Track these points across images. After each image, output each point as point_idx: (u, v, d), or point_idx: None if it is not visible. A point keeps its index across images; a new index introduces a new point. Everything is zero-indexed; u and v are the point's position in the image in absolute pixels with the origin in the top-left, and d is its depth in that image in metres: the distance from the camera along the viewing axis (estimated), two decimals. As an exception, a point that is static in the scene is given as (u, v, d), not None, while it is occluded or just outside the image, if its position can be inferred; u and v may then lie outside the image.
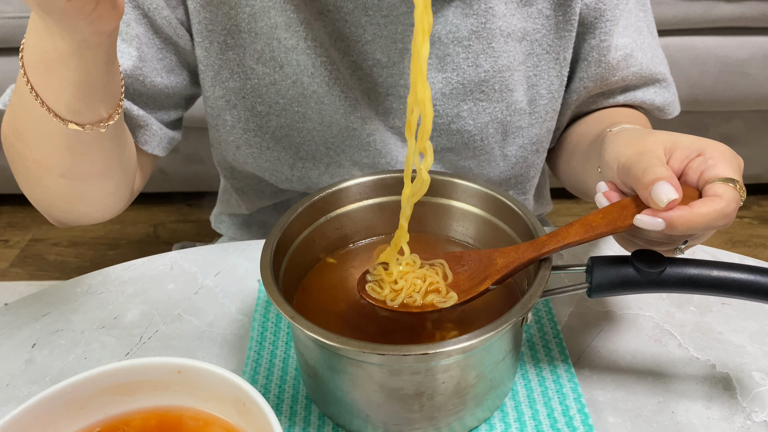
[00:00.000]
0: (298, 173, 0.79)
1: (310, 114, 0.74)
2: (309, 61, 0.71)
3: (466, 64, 0.72)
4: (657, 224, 0.49)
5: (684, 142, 0.53)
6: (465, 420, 0.54)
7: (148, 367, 0.48)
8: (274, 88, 0.73)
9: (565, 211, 2.07)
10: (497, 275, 0.55)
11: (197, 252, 0.77)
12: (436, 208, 0.67)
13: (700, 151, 0.52)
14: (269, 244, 0.57)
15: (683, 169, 0.52)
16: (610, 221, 0.52)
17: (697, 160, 0.51)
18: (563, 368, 0.61)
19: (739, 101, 1.76)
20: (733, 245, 1.90)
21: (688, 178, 0.52)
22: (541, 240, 0.54)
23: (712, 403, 0.58)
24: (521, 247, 0.55)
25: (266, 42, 0.71)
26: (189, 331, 0.67)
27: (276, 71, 0.72)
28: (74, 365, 0.64)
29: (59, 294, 0.72)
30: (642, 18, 0.77)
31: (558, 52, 0.75)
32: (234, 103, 0.75)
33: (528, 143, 0.79)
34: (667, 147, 0.53)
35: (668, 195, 0.48)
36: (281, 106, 0.74)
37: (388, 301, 0.56)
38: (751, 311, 0.67)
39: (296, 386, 0.60)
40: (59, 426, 0.46)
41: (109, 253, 1.93)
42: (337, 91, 0.72)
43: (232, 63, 0.73)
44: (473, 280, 0.56)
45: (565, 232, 0.53)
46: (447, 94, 0.74)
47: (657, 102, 0.80)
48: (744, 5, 1.61)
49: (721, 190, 0.49)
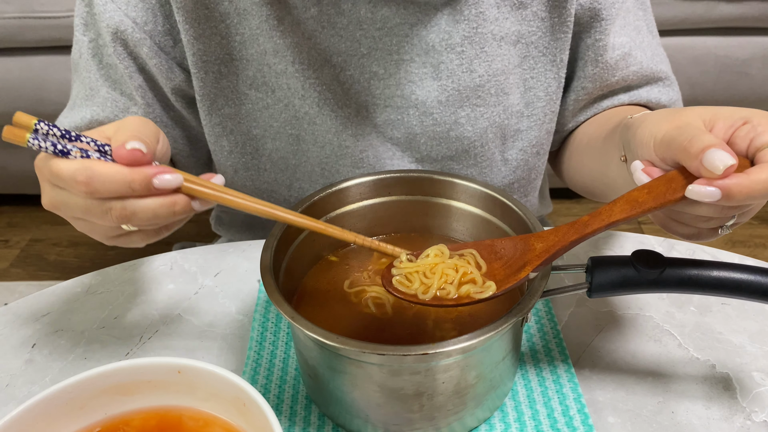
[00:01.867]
0: (295, 194, 0.80)
1: (304, 135, 0.75)
2: (298, 84, 0.72)
3: (460, 71, 0.73)
4: (713, 194, 0.45)
5: (725, 113, 0.49)
6: (465, 420, 0.54)
7: (147, 367, 0.48)
8: (268, 112, 0.74)
9: (565, 211, 2.07)
10: (537, 261, 0.51)
11: (197, 252, 0.77)
12: (436, 208, 0.67)
13: (745, 119, 0.48)
14: (269, 244, 0.57)
15: (729, 139, 0.48)
16: (658, 195, 0.47)
17: (744, 128, 0.48)
18: (563, 368, 0.61)
19: (739, 101, 1.76)
20: (733, 245, 1.90)
21: (736, 147, 0.48)
22: (582, 221, 0.50)
23: (712, 403, 0.58)
24: (561, 229, 0.51)
25: (257, 68, 0.72)
26: (189, 331, 0.67)
27: (268, 95, 0.74)
28: (74, 365, 0.64)
29: (59, 294, 0.72)
30: (641, 17, 0.77)
31: (554, 54, 0.75)
32: (230, 129, 0.76)
33: (528, 146, 0.79)
34: (706, 119, 0.49)
35: (724, 161, 0.44)
36: (275, 129, 0.75)
37: (420, 294, 0.53)
38: (751, 311, 0.67)
39: (296, 386, 0.60)
40: (59, 426, 0.46)
41: (109, 253, 1.93)
42: (327, 111, 0.73)
43: (226, 90, 0.74)
44: (511, 267, 0.52)
45: (609, 210, 0.49)
46: (443, 102, 0.74)
47: (663, 100, 0.79)
48: (744, 5, 1.61)
49: None
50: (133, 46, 0.71)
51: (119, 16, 0.70)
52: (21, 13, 1.66)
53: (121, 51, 0.71)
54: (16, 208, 2.11)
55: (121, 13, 0.70)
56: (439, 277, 0.53)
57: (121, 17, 0.70)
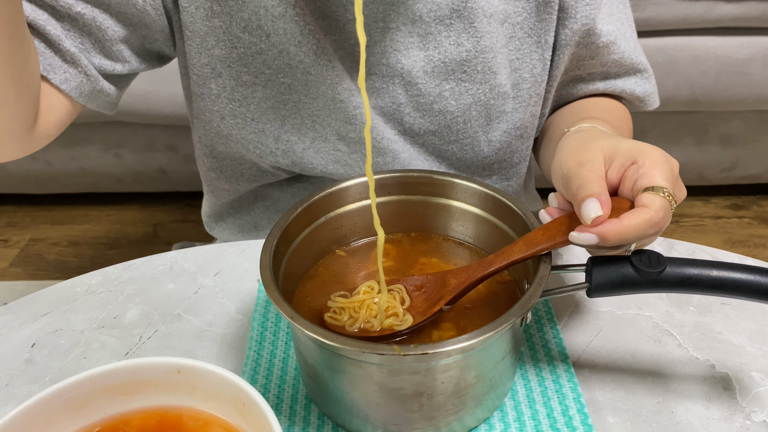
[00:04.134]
0: (282, 146, 0.78)
1: (296, 85, 0.74)
2: (297, 29, 0.70)
3: (447, 42, 0.72)
4: (590, 239, 0.50)
5: (622, 150, 0.54)
6: (464, 420, 0.54)
7: (147, 367, 0.48)
8: (260, 58, 0.73)
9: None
10: (450, 295, 0.57)
11: (197, 252, 0.77)
12: (435, 208, 0.67)
13: (634, 159, 0.53)
14: (269, 244, 0.57)
15: (620, 179, 0.53)
16: (550, 237, 0.54)
17: (631, 169, 0.53)
18: (563, 368, 0.61)
19: (739, 101, 1.76)
20: (733, 245, 1.90)
21: (624, 187, 0.53)
22: (488, 259, 0.57)
23: (711, 403, 0.58)
24: (471, 267, 0.57)
25: (253, 10, 0.70)
26: (188, 331, 0.67)
27: (262, 40, 0.72)
28: (74, 365, 0.64)
29: (59, 294, 0.72)
30: (622, 10, 0.78)
31: (539, 35, 0.75)
32: (219, 72, 0.74)
33: (512, 128, 0.79)
34: (607, 155, 0.54)
35: (594, 212, 0.50)
36: (267, 77, 0.74)
37: (347, 327, 0.57)
38: (751, 311, 0.67)
39: (296, 386, 0.60)
40: (59, 426, 0.46)
41: (109, 252, 1.93)
42: (324, 61, 0.72)
43: (218, 30, 0.72)
44: (429, 301, 0.58)
45: (510, 250, 0.56)
46: (429, 72, 0.74)
47: (637, 92, 0.81)
48: (744, 5, 1.61)
49: (648, 200, 0.50)
50: None
51: None
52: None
53: None
54: (15, 207, 2.11)
55: None
56: (365, 312, 0.57)
57: None
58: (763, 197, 2.07)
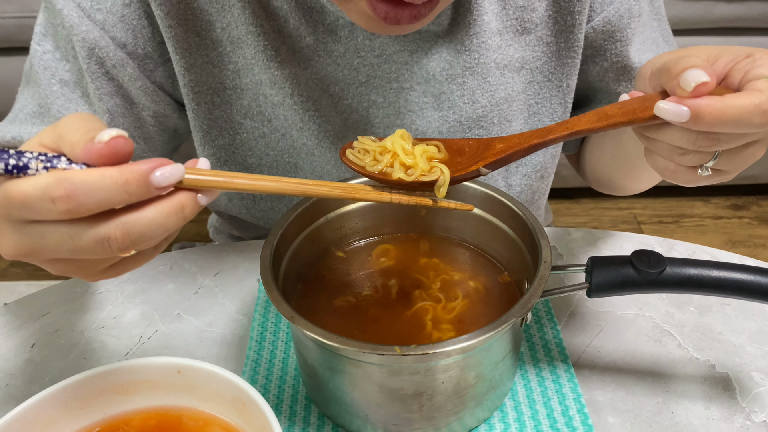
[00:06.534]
0: None
1: (302, 164, 0.74)
2: (297, 116, 0.70)
3: (462, 102, 0.71)
4: (681, 113, 0.42)
5: (732, 49, 0.46)
6: (464, 420, 0.54)
7: (147, 367, 0.48)
8: (264, 141, 0.73)
9: (565, 211, 2.07)
10: (492, 158, 0.51)
11: (197, 252, 0.77)
12: (436, 208, 0.66)
13: (749, 53, 0.45)
14: (269, 244, 0.57)
15: (727, 72, 0.46)
16: (628, 111, 0.46)
17: (744, 61, 0.45)
18: (563, 368, 0.61)
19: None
20: (733, 245, 1.90)
21: (732, 79, 0.45)
22: (547, 128, 0.50)
23: (711, 404, 0.58)
24: (525, 133, 0.51)
25: (252, 97, 0.70)
26: (188, 331, 0.67)
27: (264, 125, 0.72)
28: (74, 365, 0.64)
29: (59, 294, 0.72)
30: (656, 28, 0.76)
31: (560, 79, 0.73)
32: (225, 159, 0.74)
33: (532, 171, 0.77)
34: (712, 54, 0.47)
35: (697, 77, 0.42)
36: (272, 158, 0.74)
37: (368, 167, 0.52)
38: (751, 311, 0.67)
39: (296, 386, 0.60)
40: (59, 426, 0.46)
41: (108, 252, 1.93)
42: (326, 144, 0.71)
43: (220, 121, 0.72)
44: (469, 162, 0.52)
45: (576, 120, 0.48)
46: (444, 133, 0.72)
47: None
48: (744, 5, 1.61)
49: (763, 85, 0.42)
50: (112, 66, 0.66)
51: (97, 33, 0.64)
52: (21, 13, 1.67)
53: (96, 70, 0.66)
54: (15, 207, 2.10)
55: (98, 30, 0.64)
56: (392, 155, 0.52)
57: (99, 34, 0.64)
58: (763, 197, 2.07)
